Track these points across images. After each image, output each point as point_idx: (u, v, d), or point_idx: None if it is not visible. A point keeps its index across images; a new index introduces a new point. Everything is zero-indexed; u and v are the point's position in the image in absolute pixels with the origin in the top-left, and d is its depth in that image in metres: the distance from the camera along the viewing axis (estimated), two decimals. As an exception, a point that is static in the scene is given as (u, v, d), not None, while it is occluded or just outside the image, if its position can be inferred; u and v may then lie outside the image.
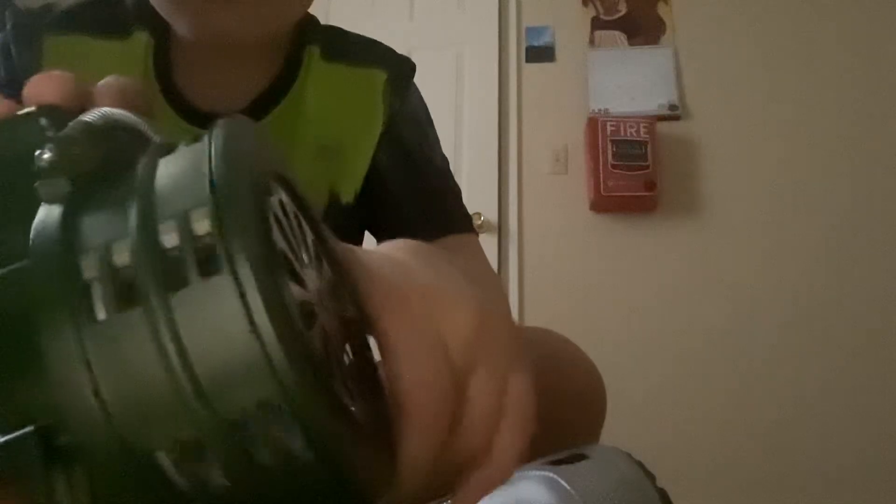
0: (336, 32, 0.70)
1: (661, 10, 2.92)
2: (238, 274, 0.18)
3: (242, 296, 0.18)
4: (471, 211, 0.73)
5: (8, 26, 0.61)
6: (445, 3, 3.02)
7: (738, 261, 2.65)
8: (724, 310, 2.60)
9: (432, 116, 0.74)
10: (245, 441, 0.18)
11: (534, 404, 0.26)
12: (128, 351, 0.18)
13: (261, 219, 0.20)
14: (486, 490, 0.25)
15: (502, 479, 0.25)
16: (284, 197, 0.23)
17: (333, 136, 0.65)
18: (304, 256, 0.23)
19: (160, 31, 0.61)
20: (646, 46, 2.88)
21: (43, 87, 0.27)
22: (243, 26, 0.56)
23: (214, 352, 0.18)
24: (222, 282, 0.18)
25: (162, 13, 0.58)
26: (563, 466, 0.36)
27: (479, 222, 2.65)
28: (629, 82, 2.82)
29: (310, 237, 0.24)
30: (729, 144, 2.75)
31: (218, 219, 0.19)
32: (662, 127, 2.73)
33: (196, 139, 0.22)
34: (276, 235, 0.21)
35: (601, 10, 2.94)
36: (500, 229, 2.72)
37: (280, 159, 0.25)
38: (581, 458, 0.37)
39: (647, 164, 2.64)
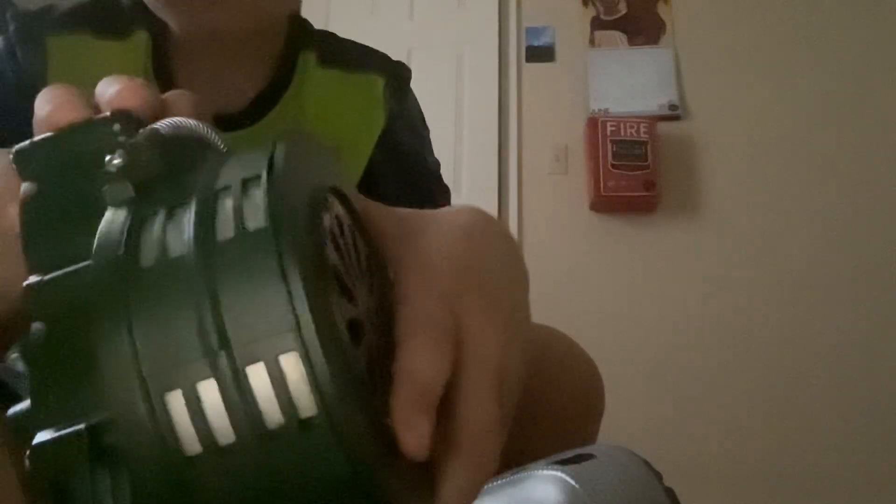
0: (331, 39, 0.70)
1: (661, 10, 2.92)
2: (292, 294, 0.19)
3: (297, 322, 0.19)
4: (470, 211, 0.73)
5: (11, 28, 0.61)
6: (445, 3, 3.02)
7: (737, 260, 2.65)
8: (723, 310, 2.60)
9: (433, 116, 0.74)
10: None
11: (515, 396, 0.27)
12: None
13: (315, 243, 0.21)
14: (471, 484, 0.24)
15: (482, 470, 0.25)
16: (340, 209, 0.24)
17: (331, 139, 0.65)
18: (357, 271, 0.23)
19: (158, 30, 0.61)
20: (646, 46, 2.88)
21: (125, 95, 0.28)
22: (230, 19, 0.56)
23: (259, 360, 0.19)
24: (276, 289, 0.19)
25: (152, 9, 0.58)
26: (571, 465, 0.36)
27: (479, 222, 2.64)
28: (629, 82, 2.82)
29: (363, 250, 0.25)
30: (729, 144, 2.76)
31: (274, 230, 0.19)
32: (662, 127, 2.73)
33: (260, 149, 0.22)
34: (330, 252, 0.22)
35: (601, 10, 2.94)
36: (500, 229, 2.71)
37: (337, 172, 0.26)
38: (588, 457, 0.37)
39: (647, 164, 2.64)
